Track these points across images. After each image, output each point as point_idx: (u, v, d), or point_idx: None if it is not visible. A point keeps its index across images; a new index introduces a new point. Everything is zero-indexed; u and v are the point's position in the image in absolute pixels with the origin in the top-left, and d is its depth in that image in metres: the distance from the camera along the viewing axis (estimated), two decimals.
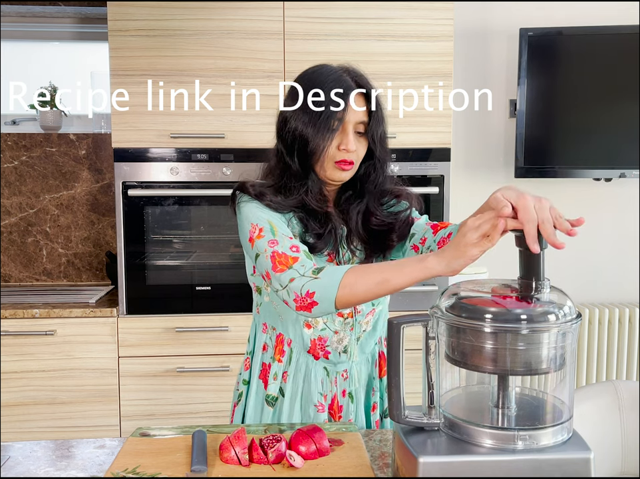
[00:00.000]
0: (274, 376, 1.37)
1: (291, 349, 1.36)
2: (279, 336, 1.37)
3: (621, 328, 2.85)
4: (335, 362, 1.37)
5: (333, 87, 1.25)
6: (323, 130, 1.23)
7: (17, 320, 2.40)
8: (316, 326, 1.34)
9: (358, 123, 1.27)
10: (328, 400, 1.37)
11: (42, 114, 2.83)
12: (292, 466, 1.04)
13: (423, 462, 0.88)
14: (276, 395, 1.37)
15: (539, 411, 0.91)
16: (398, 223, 1.35)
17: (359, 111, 1.26)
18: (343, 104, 1.23)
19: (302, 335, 1.35)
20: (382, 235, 1.35)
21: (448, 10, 2.43)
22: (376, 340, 1.42)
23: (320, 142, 1.24)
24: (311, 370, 1.36)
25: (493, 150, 2.94)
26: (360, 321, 1.37)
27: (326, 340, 1.35)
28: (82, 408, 2.45)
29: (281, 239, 1.20)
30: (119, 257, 2.44)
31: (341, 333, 1.35)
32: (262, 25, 2.39)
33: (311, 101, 1.24)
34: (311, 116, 1.24)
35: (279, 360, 1.37)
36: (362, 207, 1.34)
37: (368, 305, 1.36)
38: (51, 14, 2.86)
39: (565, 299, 0.93)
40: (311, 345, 1.35)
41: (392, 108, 2.43)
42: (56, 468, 1.08)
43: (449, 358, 0.93)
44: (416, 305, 2.50)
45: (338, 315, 1.34)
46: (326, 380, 1.37)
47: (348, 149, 1.25)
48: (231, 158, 2.43)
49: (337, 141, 1.26)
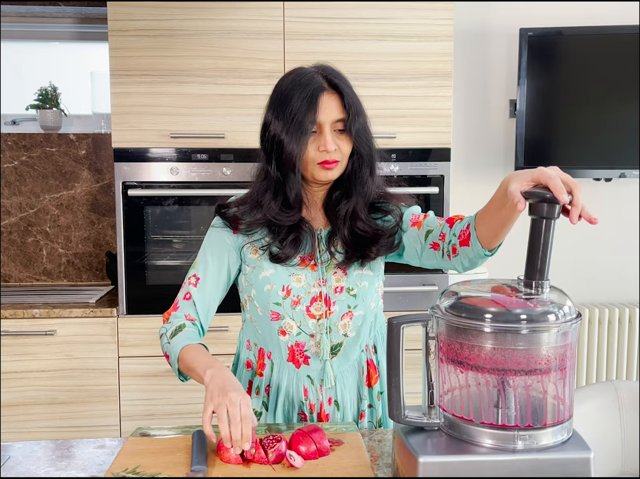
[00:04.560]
0: (256, 391, 1.37)
1: (271, 361, 1.36)
2: (260, 351, 1.37)
3: (621, 328, 2.86)
4: (317, 368, 1.34)
5: (303, 90, 1.24)
6: (297, 134, 1.23)
7: (17, 320, 2.40)
8: (290, 331, 1.33)
9: (335, 121, 1.26)
10: (317, 409, 1.34)
11: (42, 114, 2.83)
12: (292, 466, 1.04)
13: (423, 462, 0.88)
14: (260, 410, 1.36)
15: (539, 411, 0.91)
16: (383, 237, 1.33)
17: (333, 110, 1.25)
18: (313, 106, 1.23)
19: (279, 344, 1.34)
20: (364, 242, 1.33)
21: (448, 10, 2.43)
22: (362, 348, 1.38)
23: (295, 147, 1.24)
24: (292, 379, 1.34)
25: (493, 150, 2.94)
26: (337, 323, 1.33)
27: (304, 345, 1.33)
28: (82, 408, 2.45)
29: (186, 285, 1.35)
30: (119, 257, 2.44)
31: (317, 336, 1.33)
32: (262, 25, 2.39)
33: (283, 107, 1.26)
34: (285, 122, 1.25)
35: (260, 374, 1.36)
36: (350, 208, 1.32)
37: (342, 305, 1.33)
38: (51, 14, 2.86)
39: (565, 299, 0.93)
40: (289, 353, 1.34)
41: (392, 108, 2.43)
42: (56, 468, 1.08)
43: (449, 358, 0.93)
44: (416, 305, 2.49)
45: (311, 317, 1.32)
46: (312, 389, 1.35)
47: (327, 149, 1.25)
48: (231, 158, 2.43)
49: (317, 143, 1.26)
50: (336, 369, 1.35)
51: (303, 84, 1.26)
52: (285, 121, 1.24)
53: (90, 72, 2.84)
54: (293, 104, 1.24)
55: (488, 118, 2.93)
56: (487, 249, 1.19)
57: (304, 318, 1.32)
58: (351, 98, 1.27)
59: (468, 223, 1.22)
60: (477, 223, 1.19)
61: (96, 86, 2.82)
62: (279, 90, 1.29)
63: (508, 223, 1.13)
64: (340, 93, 1.27)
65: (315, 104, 1.24)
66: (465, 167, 2.93)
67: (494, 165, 2.95)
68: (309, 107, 1.23)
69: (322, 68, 1.30)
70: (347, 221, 1.32)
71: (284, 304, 1.31)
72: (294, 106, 1.24)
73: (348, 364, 1.37)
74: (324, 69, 1.30)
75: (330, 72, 1.29)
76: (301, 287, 1.31)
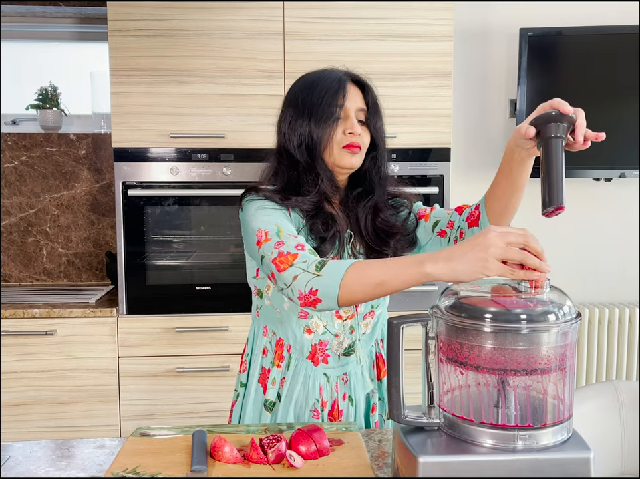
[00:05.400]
0: (272, 381, 1.37)
1: (290, 355, 1.36)
2: (279, 341, 1.37)
3: (621, 328, 2.85)
4: (334, 366, 1.36)
5: (329, 78, 1.30)
6: (326, 118, 1.27)
7: (17, 320, 2.40)
8: (317, 330, 1.34)
9: (358, 110, 1.31)
10: (329, 406, 1.36)
11: (42, 114, 2.83)
12: (292, 466, 1.04)
13: (423, 462, 0.88)
14: (274, 400, 1.36)
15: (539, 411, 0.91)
16: (400, 231, 1.36)
17: (357, 99, 1.31)
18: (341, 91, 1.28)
19: (302, 341, 1.34)
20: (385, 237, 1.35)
21: (448, 10, 2.43)
22: (372, 343, 1.42)
23: (325, 129, 1.27)
24: (309, 376, 1.35)
25: (493, 150, 2.94)
26: (360, 323, 1.37)
27: (327, 344, 1.35)
28: (82, 408, 2.45)
29: (286, 239, 1.19)
30: (119, 257, 2.44)
31: (341, 336, 1.35)
32: (262, 25, 2.39)
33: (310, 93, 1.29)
34: (312, 108, 1.28)
35: (278, 366, 1.36)
36: (372, 203, 1.35)
37: (367, 306, 1.36)
38: (51, 14, 2.86)
39: (565, 299, 0.93)
40: (311, 350, 1.35)
41: (392, 108, 2.41)
42: (56, 468, 1.08)
43: (449, 358, 0.93)
44: (416, 305, 2.50)
45: (337, 318, 1.34)
46: (326, 386, 1.36)
47: (354, 132, 1.28)
48: (231, 158, 2.43)
49: (342, 127, 1.29)
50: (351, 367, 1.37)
51: (327, 74, 1.32)
52: (314, 106, 1.28)
53: (90, 72, 2.84)
54: (320, 89, 1.29)
55: (488, 118, 2.93)
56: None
57: (331, 318, 1.34)
58: (373, 93, 1.33)
59: (477, 204, 1.29)
60: (487, 199, 1.26)
61: (96, 86, 2.82)
62: (303, 83, 1.33)
63: (518, 189, 1.20)
64: (362, 87, 1.32)
65: (344, 89, 1.28)
66: (465, 167, 2.93)
67: (494, 166, 2.91)
68: (337, 91, 1.28)
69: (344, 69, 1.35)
70: (369, 216, 1.34)
71: None
72: (321, 91, 1.28)
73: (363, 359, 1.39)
74: (346, 69, 1.35)
75: (352, 71, 1.35)
76: None
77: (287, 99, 1.34)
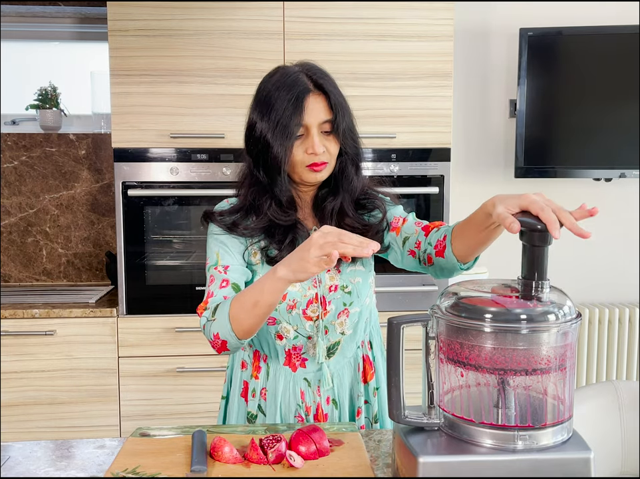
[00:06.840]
0: (252, 393, 1.36)
1: (267, 365, 1.35)
2: (255, 353, 1.37)
3: (621, 328, 2.85)
4: (314, 369, 1.34)
5: (289, 92, 1.22)
6: (283, 138, 1.21)
7: (17, 320, 2.40)
8: (287, 335, 1.32)
9: (322, 123, 1.24)
10: (313, 410, 1.34)
11: (42, 114, 2.83)
12: (292, 466, 1.04)
13: (423, 462, 0.88)
14: (255, 413, 1.36)
15: (539, 411, 0.91)
16: (371, 232, 1.32)
17: (320, 111, 1.23)
18: (299, 108, 1.21)
19: (275, 348, 1.33)
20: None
21: (448, 10, 2.43)
22: (358, 344, 1.38)
23: (281, 150, 1.22)
24: (289, 382, 1.34)
25: (493, 150, 2.94)
26: (333, 322, 1.32)
27: (301, 348, 1.33)
28: (82, 408, 2.45)
29: (216, 276, 1.27)
30: (119, 257, 2.44)
31: (314, 338, 1.32)
32: (262, 25, 2.39)
33: (268, 109, 1.23)
34: (270, 125, 1.23)
35: (256, 377, 1.36)
36: (337, 205, 1.32)
37: (337, 304, 1.32)
38: (51, 14, 2.86)
39: (565, 299, 0.93)
40: (286, 356, 1.33)
41: (392, 108, 2.43)
42: (56, 468, 1.08)
43: (449, 358, 0.93)
44: (416, 305, 2.49)
45: (307, 319, 1.31)
46: (308, 391, 1.34)
47: (315, 152, 1.23)
48: (231, 158, 2.43)
49: (304, 146, 1.24)
50: (333, 368, 1.35)
51: (288, 85, 1.23)
52: (271, 124, 1.22)
53: (90, 72, 2.84)
54: (278, 106, 1.22)
55: (488, 118, 2.93)
56: (462, 262, 1.21)
57: (300, 321, 1.31)
58: (337, 98, 1.25)
59: (444, 234, 1.23)
60: (454, 237, 1.20)
61: (96, 86, 2.82)
62: (263, 91, 1.27)
63: (487, 242, 1.16)
64: (326, 94, 1.24)
65: (301, 106, 1.21)
66: (465, 168, 2.93)
67: (494, 166, 2.95)
68: (295, 110, 1.21)
69: (306, 68, 1.27)
70: (334, 217, 1.32)
71: (280, 309, 1.30)
72: (279, 108, 1.21)
73: (344, 361, 1.37)
74: (309, 69, 1.27)
75: (315, 71, 1.26)
76: (296, 291, 1.30)
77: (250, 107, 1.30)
